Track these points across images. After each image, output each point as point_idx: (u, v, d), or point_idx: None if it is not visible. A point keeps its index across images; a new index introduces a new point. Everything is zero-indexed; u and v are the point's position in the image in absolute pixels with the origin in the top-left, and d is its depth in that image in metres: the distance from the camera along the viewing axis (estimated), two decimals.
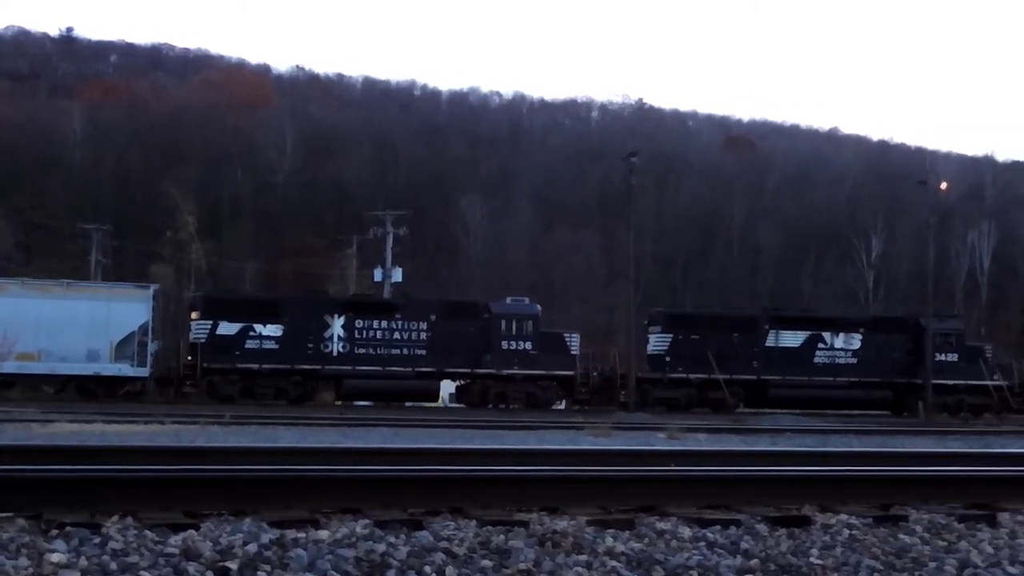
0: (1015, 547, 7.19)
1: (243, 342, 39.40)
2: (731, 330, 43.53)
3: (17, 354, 37.34)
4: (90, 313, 38.14)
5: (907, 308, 59.06)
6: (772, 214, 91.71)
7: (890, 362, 43.52)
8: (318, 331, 40.21)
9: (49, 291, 39.30)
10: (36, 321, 37.31)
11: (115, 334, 38.37)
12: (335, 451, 11.35)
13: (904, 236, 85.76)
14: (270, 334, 39.67)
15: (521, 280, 78.14)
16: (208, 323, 39.45)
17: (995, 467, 10.80)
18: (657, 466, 9.63)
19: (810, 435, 25.04)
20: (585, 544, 6.52)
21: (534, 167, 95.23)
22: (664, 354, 42.44)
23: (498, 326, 41.09)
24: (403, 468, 8.58)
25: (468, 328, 41.28)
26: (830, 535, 7.18)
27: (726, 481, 8.51)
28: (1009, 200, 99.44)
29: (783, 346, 43.47)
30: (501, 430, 23.16)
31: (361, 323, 40.70)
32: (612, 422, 26.03)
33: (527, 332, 41.38)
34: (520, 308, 42.65)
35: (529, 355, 41.12)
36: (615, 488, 7.97)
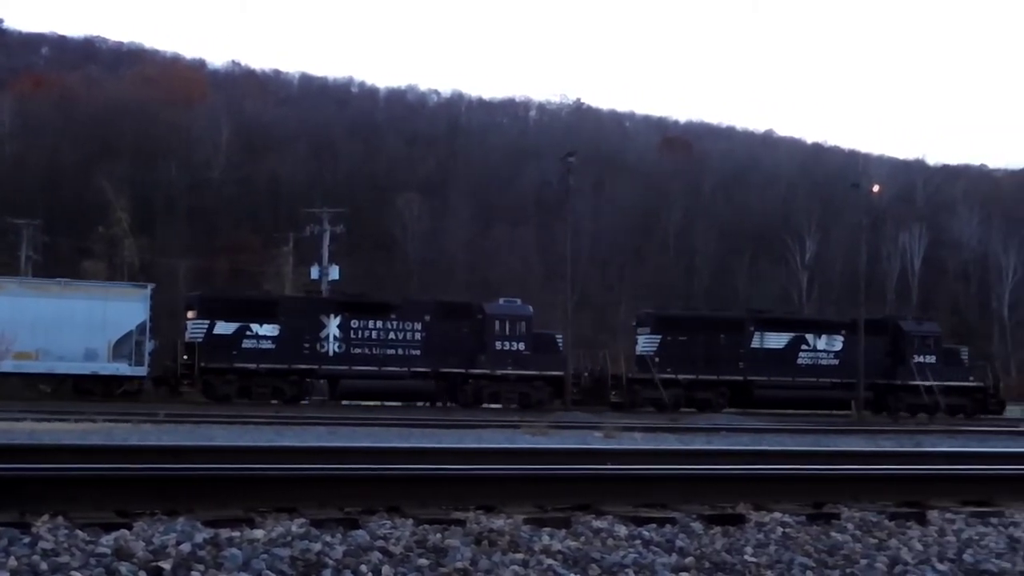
0: (944, 544, 7.30)
1: (240, 342, 39.46)
2: (718, 331, 44.36)
3: (15, 353, 37.16)
4: (88, 312, 37.96)
5: (839, 308, 59.80)
6: (708, 215, 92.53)
7: (871, 363, 44.28)
8: (314, 331, 40.35)
9: (47, 290, 39.18)
10: (34, 320, 37.19)
11: (113, 333, 38.30)
12: (270, 449, 11.27)
13: (837, 237, 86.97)
14: (267, 334, 39.77)
15: (458, 278, 78.23)
16: (205, 322, 39.49)
17: (925, 466, 10.96)
18: (594, 464, 9.66)
19: (745, 434, 25.28)
20: (522, 542, 6.53)
21: (472, 166, 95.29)
22: (653, 355, 42.99)
23: (492, 327, 41.53)
24: (339, 467, 8.53)
25: (462, 328, 41.75)
26: (764, 533, 7.25)
27: (662, 479, 8.56)
28: (939, 203, 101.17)
29: (768, 347, 44.34)
30: (439, 429, 23.13)
31: (357, 323, 40.89)
32: (549, 421, 26.10)
33: (520, 333, 41.89)
34: (513, 309, 43.15)
35: (522, 355, 41.61)
36: (552, 486, 7.98)
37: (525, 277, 78.39)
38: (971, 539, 7.48)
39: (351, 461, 9.26)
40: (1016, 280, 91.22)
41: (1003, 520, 8.06)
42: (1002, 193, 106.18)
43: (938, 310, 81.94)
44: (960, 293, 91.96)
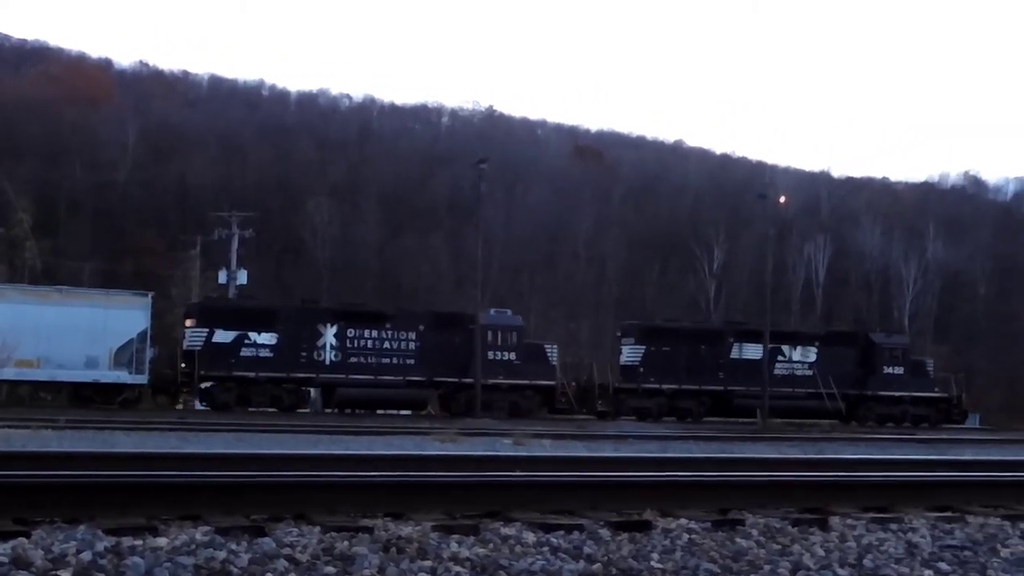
0: (845, 550, 7.45)
1: (239, 350, 39.60)
2: (699, 342, 45.50)
3: (17, 361, 36.93)
4: (89, 320, 37.79)
5: (746, 317, 60.58)
6: (618, 223, 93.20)
7: (843, 374, 45.69)
8: (311, 340, 40.57)
9: (48, 297, 39.12)
10: (35, 327, 36.99)
11: (114, 341, 38.13)
12: (174, 456, 11.11)
13: (744, 247, 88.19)
14: (265, 342, 40.02)
15: (368, 284, 77.81)
16: (204, 331, 39.56)
17: (827, 472, 11.16)
18: (503, 472, 9.68)
19: (652, 441, 25.51)
20: (430, 550, 6.52)
21: (383, 171, 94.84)
22: (638, 365, 43.99)
23: (484, 337, 41.94)
24: (245, 474, 8.44)
25: (455, 338, 42.29)
26: (670, 539, 7.32)
27: (570, 486, 8.61)
28: (843, 215, 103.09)
29: (746, 358, 45.39)
30: (347, 435, 22.98)
31: (353, 332, 41.15)
32: (458, 428, 26.08)
33: (512, 343, 42.63)
34: (505, 320, 43.89)
35: (513, 365, 42.27)
36: (461, 493, 7.98)
37: (436, 283, 78.32)
38: (871, 544, 7.64)
39: (257, 468, 9.16)
40: (917, 291, 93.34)
41: (902, 526, 8.24)
42: (903, 206, 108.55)
43: (842, 319, 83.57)
44: (863, 303, 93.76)
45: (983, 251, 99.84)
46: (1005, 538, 8.19)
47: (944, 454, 20.96)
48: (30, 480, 7.38)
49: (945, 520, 8.55)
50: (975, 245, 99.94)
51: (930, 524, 8.36)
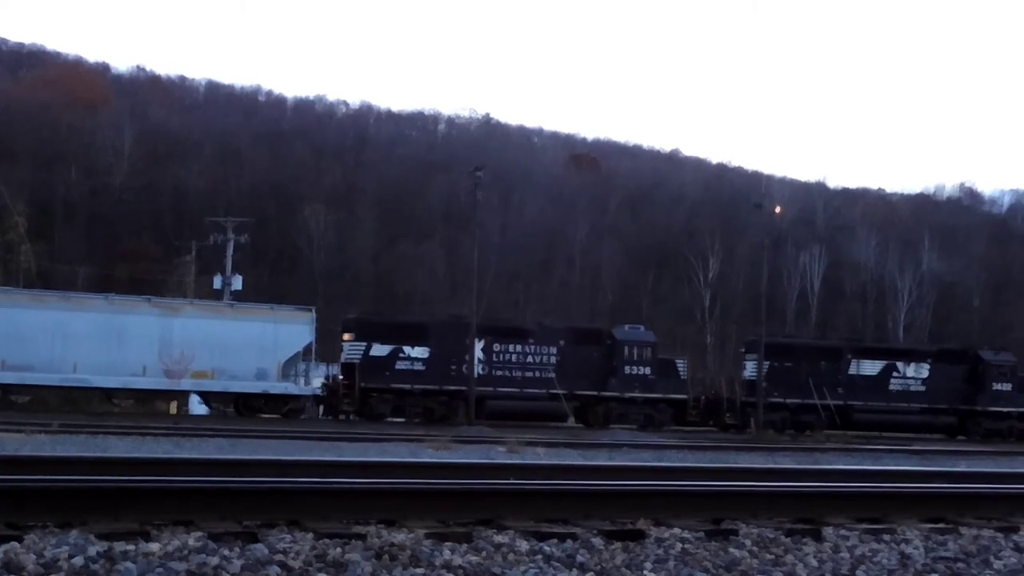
0: (838, 560, 7.45)
1: (394, 363, 41.37)
2: (819, 358, 46.92)
3: (194, 372, 38.74)
4: (259, 334, 39.59)
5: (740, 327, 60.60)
6: (614, 232, 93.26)
7: (953, 390, 46.94)
8: (460, 354, 42.04)
9: (221, 312, 41.25)
10: (210, 341, 38.71)
11: (282, 354, 39.92)
12: (168, 462, 11.08)
13: (740, 257, 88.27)
14: (418, 356, 41.77)
15: (364, 291, 77.82)
16: (362, 345, 41.30)
17: (821, 483, 11.16)
18: (496, 479, 9.66)
19: (646, 450, 25.50)
20: (423, 557, 6.51)
21: (379, 178, 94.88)
22: (762, 380, 44.98)
23: (621, 352, 43.47)
24: (239, 480, 8.42)
25: (593, 353, 43.82)
26: (664, 549, 7.32)
27: (564, 495, 8.59)
28: (839, 225, 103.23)
29: (863, 374, 46.67)
30: (341, 442, 22.95)
31: (499, 347, 42.92)
32: (452, 435, 26.05)
33: (647, 358, 43.93)
34: (640, 335, 45.22)
35: (648, 379, 43.62)
36: (454, 501, 7.97)
37: (431, 290, 78.34)
38: (864, 555, 7.64)
39: (251, 474, 9.14)
40: (911, 302, 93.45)
41: (895, 537, 8.24)
42: (898, 217, 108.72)
43: (836, 329, 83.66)
44: (857, 314, 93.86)
45: (978, 262, 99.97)
46: (998, 550, 8.19)
47: (938, 466, 20.97)
48: (23, 484, 7.36)
49: (938, 531, 8.55)
50: (970, 256, 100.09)
51: (923, 535, 8.36)
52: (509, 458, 19.38)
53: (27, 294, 41.48)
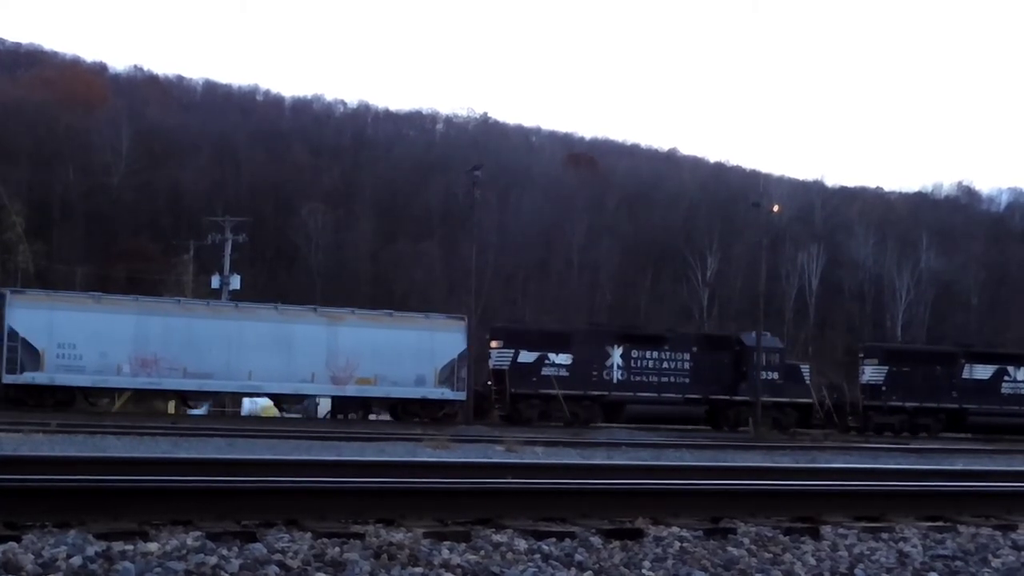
0: (836, 559, 7.45)
1: (540, 369, 43.07)
2: (934, 363, 48.50)
3: (358, 379, 40.46)
4: (417, 342, 41.21)
5: (739, 325, 60.68)
6: (612, 231, 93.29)
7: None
8: (601, 360, 43.93)
9: (381, 321, 42.61)
10: (372, 349, 40.43)
11: (438, 361, 41.40)
12: (166, 461, 11.08)
13: (738, 256, 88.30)
14: (562, 362, 43.38)
15: (362, 291, 77.83)
16: (510, 352, 43.10)
17: (819, 481, 11.16)
18: (495, 478, 9.67)
19: (645, 449, 25.50)
20: (421, 556, 6.51)
21: (377, 177, 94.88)
22: (881, 384, 46.83)
23: (750, 357, 45.25)
24: (237, 479, 8.41)
25: (724, 359, 45.89)
26: (662, 547, 7.32)
27: (562, 494, 8.59)
28: (837, 224, 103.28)
29: (976, 378, 48.23)
30: (339, 441, 22.95)
31: (636, 353, 44.63)
32: (450, 434, 26.06)
33: (775, 363, 46.12)
34: (769, 342, 47.17)
35: (776, 384, 45.57)
36: (452, 500, 7.96)
37: (429, 289, 78.31)
38: (863, 554, 7.65)
39: (249, 473, 9.14)
40: (909, 300, 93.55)
41: (893, 535, 8.24)
42: (896, 215, 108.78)
43: (834, 328, 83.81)
44: (855, 312, 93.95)
45: (975, 261, 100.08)
46: (996, 548, 8.19)
47: (936, 463, 20.99)
48: (21, 484, 7.36)
49: (936, 530, 8.55)
50: (968, 255, 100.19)
51: (921, 534, 8.37)
52: (507, 457, 19.39)
53: (203, 305, 42.79)
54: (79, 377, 37.88)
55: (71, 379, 37.75)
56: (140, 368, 38.53)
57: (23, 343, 37.46)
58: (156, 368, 38.55)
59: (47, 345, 37.61)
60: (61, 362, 37.52)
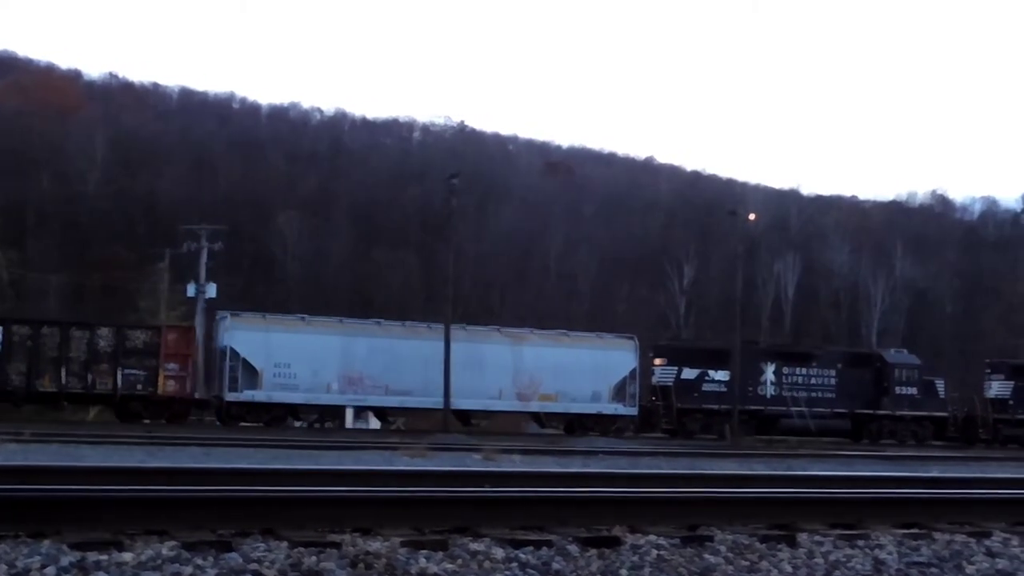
0: (812, 566, 7.47)
1: (701, 385, 45.52)
2: None
3: (541, 395, 43.11)
4: (592, 359, 43.62)
5: (716, 334, 60.84)
6: (589, 239, 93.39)
7: None
8: (755, 376, 46.33)
9: (560, 340, 45.25)
10: (552, 366, 42.99)
11: (612, 378, 44.00)
12: (142, 471, 11.01)
13: (714, 264, 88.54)
14: (721, 378, 45.63)
15: (339, 299, 77.63)
16: (674, 369, 45.42)
17: (795, 488, 11.19)
18: (472, 487, 9.66)
19: (622, 457, 25.50)
20: (398, 565, 6.50)
21: (354, 185, 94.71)
22: (1008, 398, 49.21)
23: (891, 373, 47.98)
24: (213, 488, 8.38)
25: (866, 375, 48.19)
26: (639, 555, 7.33)
27: (539, 502, 8.59)
28: (812, 232, 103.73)
29: None
30: (317, 450, 22.87)
31: (787, 370, 47.10)
32: (428, 443, 26.01)
33: (914, 379, 48.34)
34: (907, 358, 49.92)
35: (915, 399, 47.95)
36: (430, 509, 7.95)
37: (407, 298, 78.19)
38: (839, 561, 7.68)
39: (225, 483, 9.10)
40: (884, 308, 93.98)
41: (869, 543, 8.27)
42: (871, 224, 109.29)
43: (810, 336, 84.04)
44: (831, 320, 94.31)
45: (950, 269, 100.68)
46: (970, 555, 8.24)
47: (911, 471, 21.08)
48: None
49: (912, 537, 8.59)
50: (942, 263, 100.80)
51: (897, 541, 8.40)
52: (485, 465, 19.35)
53: (399, 325, 44.48)
54: (294, 395, 40.33)
55: (287, 396, 40.12)
56: (347, 386, 41.04)
57: (244, 363, 39.54)
58: (361, 386, 41.10)
59: (265, 365, 39.80)
60: (278, 380, 39.76)
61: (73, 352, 38.56)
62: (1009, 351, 60.06)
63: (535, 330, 46.86)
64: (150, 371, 39.00)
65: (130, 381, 38.77)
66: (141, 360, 39.08)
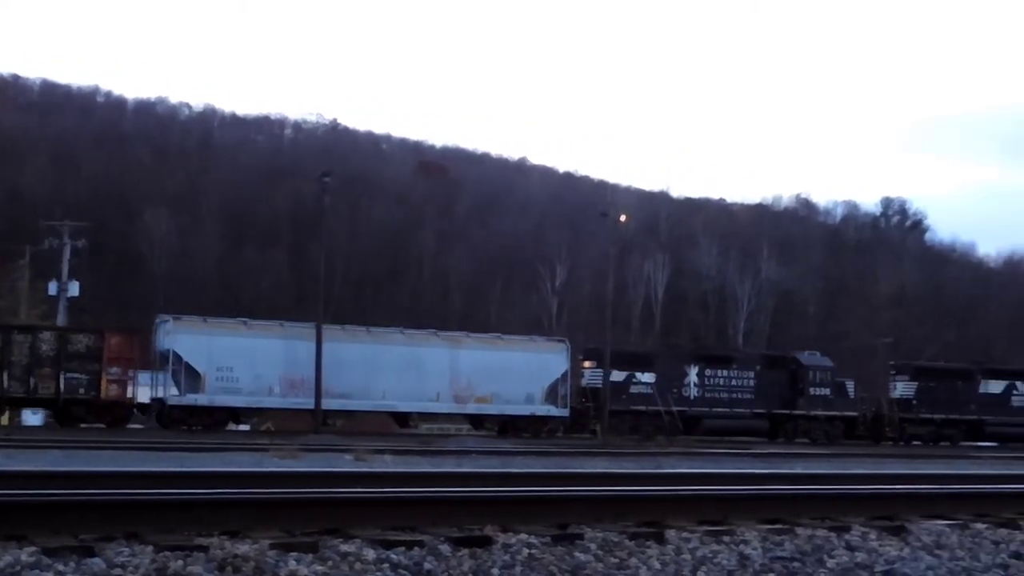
0: (680, 563, 7.59)
1: (629, 387, 46.62)
2: (955, 379, 53.08)
3: (476, 397, 43.80)
4: (526, 363, 44.48)
5: (588, 334, 61.39)
6: (462, 239, 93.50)
7: None
8: (680, 378, 47.73)
9: (494, 344, 46.18)
10: (489, 369, 43.71)
11: (545, 380, 44.90)
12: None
13: (586, 265, 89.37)
14: (647, 380, 46.99)
15: (207, 297, 76.31)
16: (602, 371, 46.26)
17: (664, 487, 11.35)
18: (343, 488, 9.58)
19: (495, 456, 25.54)
20: (267, 568, 6.41)
21: (224, 182, 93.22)
22: (912, 398, 51.39)
23: (806, 375, 49.86)
24: (75, 492, 8.15)
25: (782, 376, 49.89)
26: (510, 554, 7.35)
27: (411, 503, 8.56)
28: (682, 234, 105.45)
29: (990, 392, 53.04)
30: (184, 452, 22.42)
31: (710, 372, 48.57)
32: (299, 444, 25.72)
33: (827, 381, 50.35)
34: (820, 360, 51.87)
35: (828, 399, 49.93)
36: (300, 511, 7.86)
37: (277, 297, 77.26)
38: (705, 557, 7.81)
39: (87, 486, 8.86)
40: (750, 309, 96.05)
41: (735, 538, 8.43)
42: (738, 226, 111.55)
43: (679, 335, 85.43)
44: (700, 321, 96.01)
45: (813, 271, 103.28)
46: (831, 549, 8.46)
47: (776, 468, 21.55)
48: None
49: (775, 532, 8.77)
50: (806, 266, 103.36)
51: (761, 536, 8.57)
52: (356, 466, 19.21)
53: (340, 329, 44.64)
54: (236, 398, 40.37)
55: (229, 400, 40.13)
56: (289, 389, 41.27)
57: (186, 367, 39.64)
58: (303, 389, 41.09)
59: (207, 368, 39.79)
60: (220, 384, 39.74)
61: (15, 356, 38.32)
62: (870, 351, 61.98)
63: (471, 334, 47.91)
64: (93, 375, 38.97)
65: (72, 385, 38.70)
66: (83, 364, 39.02)
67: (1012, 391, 53.82)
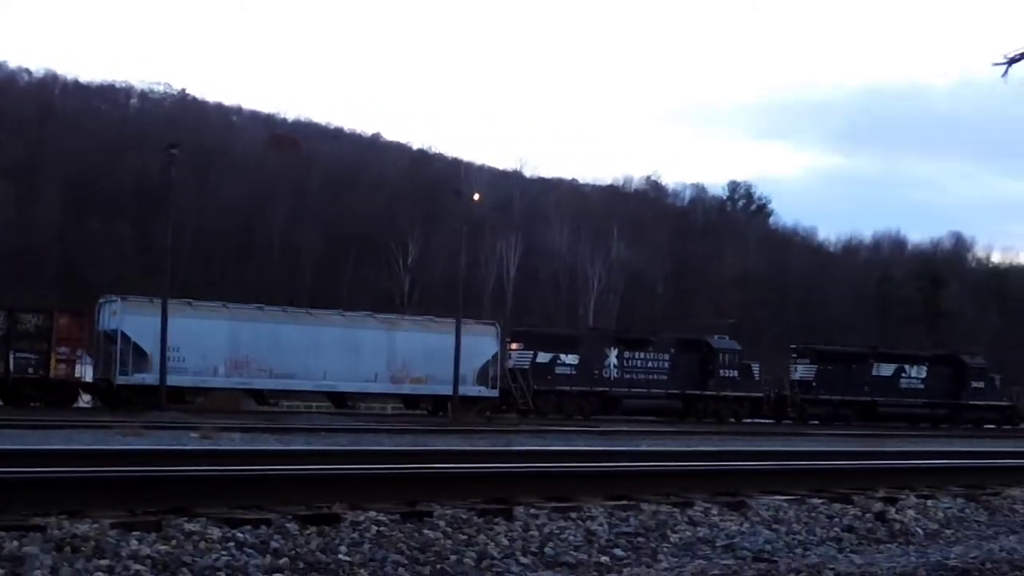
0: (528, 539, 7.70)
1: (554, 368, 48.79)
2: (851, 362, 56.44)
3: (411, 378, 45.60)
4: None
5: (440, 312, 61.38)
6: (313, 215, 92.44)
7: (943, 388, 57.75)
8: (600, 360, 49.93)
9: (427, 326, 47.98)
10: (423, 351, 45.47)
11: (476, 362, 46.66)
12: None
13: (439, 243, 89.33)
14: (571, 362, 49.18)
15: (47, 271, 73.93)
16: (529, 353, 48.62)
17: (513, 464, 11.48)
18: (188, 466, 9.43)
19: (344, 434, 25.45)
20: (108, 548, 6.27)
21: (65, 153, 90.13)
22: (811, 380, 54.55)
23: (717, 358, 52.28)
24: None
25: (694, 359, 52.52)
26: (359, 532, 7.35)
27: (258, 480, 8.49)
28: (534, 214, 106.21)
29: (882, 375, 56.83)
30: (22, 430, 21.72)
31: (628, 354, 50.83)
32: (143, 421, 25.18)
33: (736, 363, 52.92)
34: (730, 344, 54.32)
35: (736, 381, 52.50)
36: (144, 489, 7.72)
37: (122, 271, 75.20)
38: (553, 533, 7.93)
39: None
40: (600, 289, 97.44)
41: (582, 515, 8.59)
42: (590, 206, 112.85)
43: (531, 314, 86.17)
44: (551, 300, 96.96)
45: (662, 253, 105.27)
46: (674, 524, 8.69)
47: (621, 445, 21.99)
48: None
49: (621, 508, 8.96)
50: (655, 247, 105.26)
51: (607, 512, 8.75)
52: (203, 444, 18.92)
53: (281, 311, 46.33)
54: (183, 378, 41.12)
55: (176, 380, 40.61)
56: (234, 369, 42.32)
57: (134, 347, 40.40)
58: (247, 369, 42.45)
59: (154, 348, 40.26)
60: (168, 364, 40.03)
61: None
62: (715, 330, 63.50)
63: (406, 316, 49.94)
64: (42, 355, 39.41)
65: (21, 364, 39.11)
66: (33, 343, 39.46)
67: (901, 374, 57.41)
